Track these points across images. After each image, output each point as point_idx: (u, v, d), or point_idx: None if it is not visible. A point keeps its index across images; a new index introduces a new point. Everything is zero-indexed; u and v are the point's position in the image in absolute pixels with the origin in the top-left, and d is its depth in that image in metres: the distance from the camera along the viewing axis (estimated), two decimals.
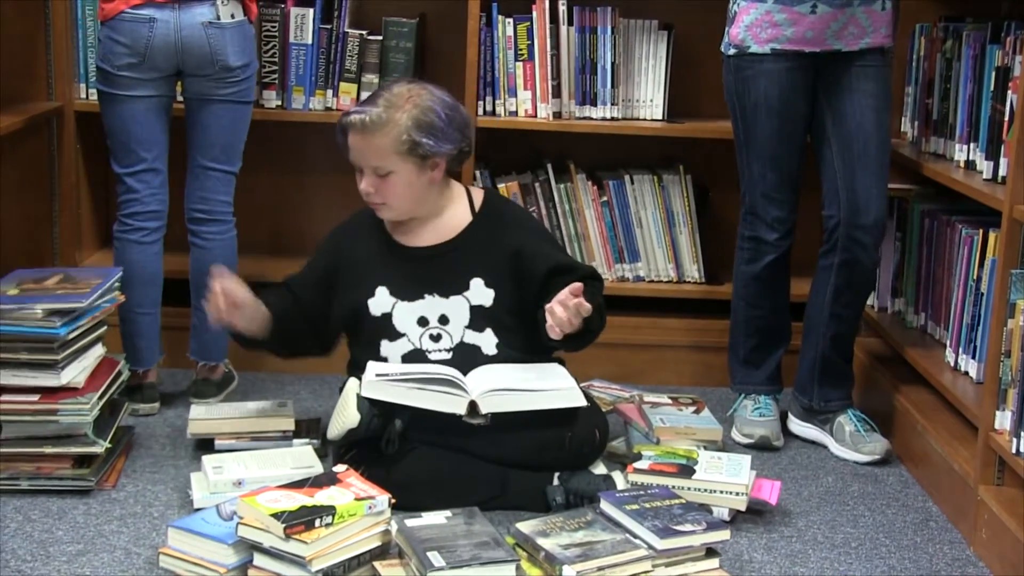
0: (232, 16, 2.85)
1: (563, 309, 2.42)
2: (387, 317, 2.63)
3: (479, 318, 2.63)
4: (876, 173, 2.80)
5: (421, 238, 2.68)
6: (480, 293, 2.64)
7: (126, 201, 2.93)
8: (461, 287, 2.64)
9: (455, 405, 2.48)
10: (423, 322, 2.63)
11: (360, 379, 2.54)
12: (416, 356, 2.62)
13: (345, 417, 2.48)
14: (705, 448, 2.74)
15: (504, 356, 2.63)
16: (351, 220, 2.79)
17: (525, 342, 2.66)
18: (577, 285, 2.44)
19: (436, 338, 2.62)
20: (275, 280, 3.32)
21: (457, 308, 2.63)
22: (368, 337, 2.66)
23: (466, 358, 2.61)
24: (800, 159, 2.88)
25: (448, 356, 2.62)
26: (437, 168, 2.62)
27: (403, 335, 2.63)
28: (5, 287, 2.61)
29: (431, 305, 2.63)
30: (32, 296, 2.56)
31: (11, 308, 2.51)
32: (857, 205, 2.79)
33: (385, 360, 2.64)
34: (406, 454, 2.50)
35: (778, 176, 2.88)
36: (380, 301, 2.64)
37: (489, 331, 2.63)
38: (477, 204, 2.72)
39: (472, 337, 2.63)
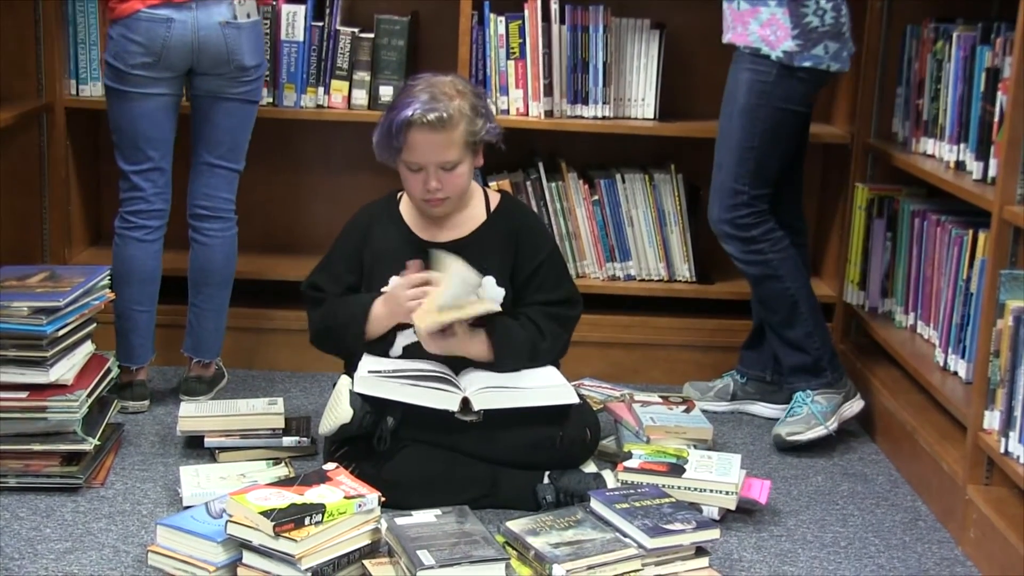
0: (248, 15, 2.84)
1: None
2: None
3: (488, 315, 2.63)
4: (714, 170, 2.94)
5: (440, 233, 2.68)
6: (492, 291, 2.64)
7: (130, 199, 2.91)
8: None
9: (448, 401, 2.48)
10: None
11: (353, 375, 2.54)
12: (419, 348, 2.62)
13: (338, 413, 2.48)
14: (695, 447, 2.74)
15: None
16: (369, 209, 2.76)
17: None
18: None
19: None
20: (272, 278, 3.35)
21: None
22: None
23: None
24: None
25: None
26: (478, 155, 2.65)
27: (410, 326, 2.63)
28: None
29: None
30: (11, 294, 2.56)
31: None
32: None
33: (387, 349, 2.63)
34: (397, 452, 2.50)
35: None
36: None
37: None
38: (493, 204, 2.73)
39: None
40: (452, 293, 2.51)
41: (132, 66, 2.79)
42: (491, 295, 2.63)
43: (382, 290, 2.60)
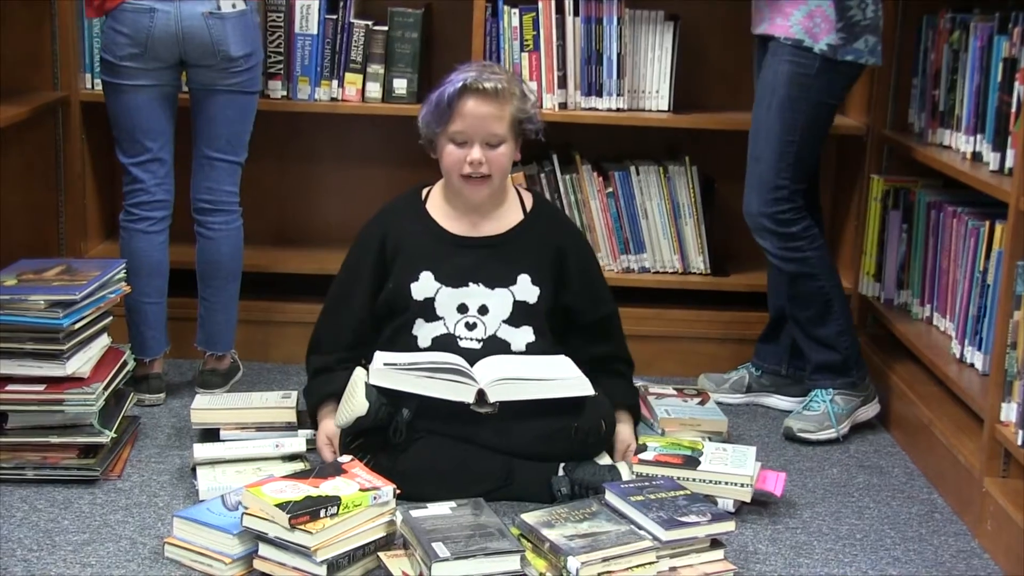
0: (234, 6, 2.84)
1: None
2: (429, 301, 2.64)
3: (520, 314, 2.64)
4: (751, 162, 2.89)
5: (474, 228, 2.70)
6: (526, 289, 2.66)
7: (132, 191, 2.93)
8: (508, 281, 2.65)
9: (463, 393, 2.48)
10: (463, 309, 2.64)
11: (369, 368, 2.55)
12: (447, 340, 2.63)
13: (353, 405, 2.49)
14: (710, 439, 2.74)
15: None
16: (390, 209, 2.77)
17: (554, 346, 2.69)
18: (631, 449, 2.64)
19: (471, 326, 2.63)
20: (286, 271, 3.35)
21: (500, 301, 2.64)
22: (404, 318, 2.66)
23: (494, 351, 2.63)
24: None
25: (478, 346, 2.63)
26: (518, 146, 2.69)
27: (440, 319, 2.64)
28: (4, 277, 2.61)
29: (474, 294, 2.64)
30: (29, 287, 2.57)
31: (7, 299, 2.51)
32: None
33: (415, 339, 2.65)
34: (412, 444, 2.50)
35: None
36: (424, 285, 2.65)
37: (527, 329, 2.65)
38: (528, 204, 2.75)
39: (506, 332, 2.64)
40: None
41: (121, 58, 2.82)
42: (524, 293, 2.65)
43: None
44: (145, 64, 2.82)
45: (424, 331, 2.64)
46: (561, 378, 2.57)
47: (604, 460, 2.60)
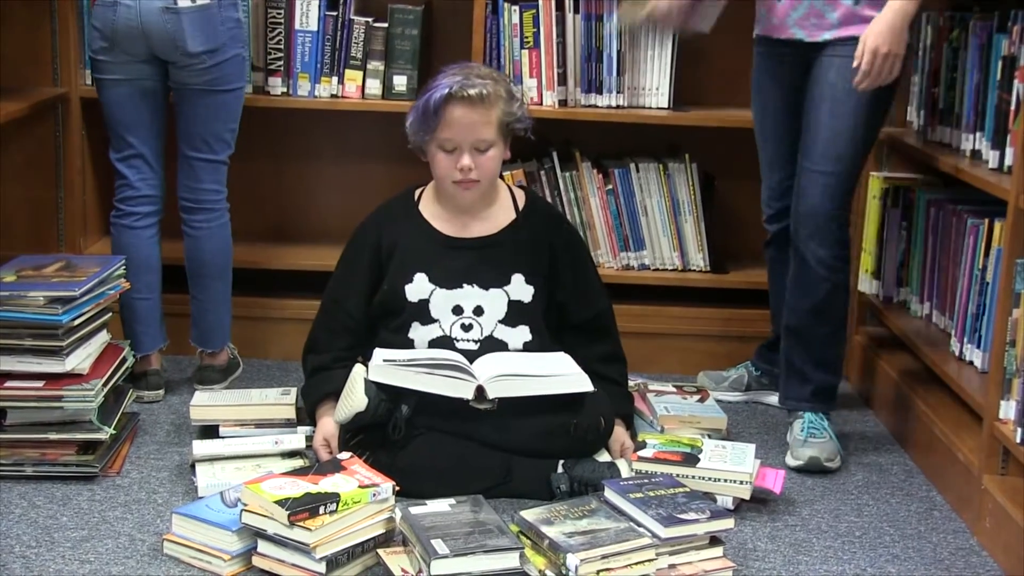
0: (193, 0, 2.79)
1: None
2: (424, 303, 2.65)
3: (515, 314, 2.65)
4: (817, 163, 2.74)
5: (466, 229, 2.70)
6: (520, 289, 2.66)
7: (118, 186, 2.94)
8: (502, 281, 2.65)
9: (462, 390, 2.49)
10: (457, 311, 2.64)
11: (368, 364, 2.55)
12: (444, 342, 2.63)
13: (352, 401, 2.49)
14: (709, 437, 2.74)
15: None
16: (384, 209, 2.78)
17: (552, 345, 2.69)
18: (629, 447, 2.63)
19: (467, 328, 2.63)
20: (286, 267, 3.35)
21: (495, 301, 2.64)
22: (400, 320, 2.66)
23: (492, 352, 2.62)
24: (777, 146, 2.91)
25: (475, 347, 2.63)
26: (507, 145, 2.68)
27: (435, 321, 2.64)
28: (3, 273, 2.61)
29: (468, 295, 2.64)
30: (28, 283, 2.57)
31: (6, 295, 2.51)
32: (797, 194, 2.79)
33: (412, 342, 2.65)
34: (411, 441, 2.50)
35: (764, 157, 2.96)
36: (418, 287, 2.65)
37: (524, 328, 2.65)
38: (520, 203, 2.74)
39: (502, 332, 2.65)
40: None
41: (95, 51, 2.84)
42: (518, 293, 2.66)
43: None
44: (115, 58, 2.82)
45: (420, 334, 2.64)
46: (560, 374, 2.57)
47: (603, 457, 2.60)
